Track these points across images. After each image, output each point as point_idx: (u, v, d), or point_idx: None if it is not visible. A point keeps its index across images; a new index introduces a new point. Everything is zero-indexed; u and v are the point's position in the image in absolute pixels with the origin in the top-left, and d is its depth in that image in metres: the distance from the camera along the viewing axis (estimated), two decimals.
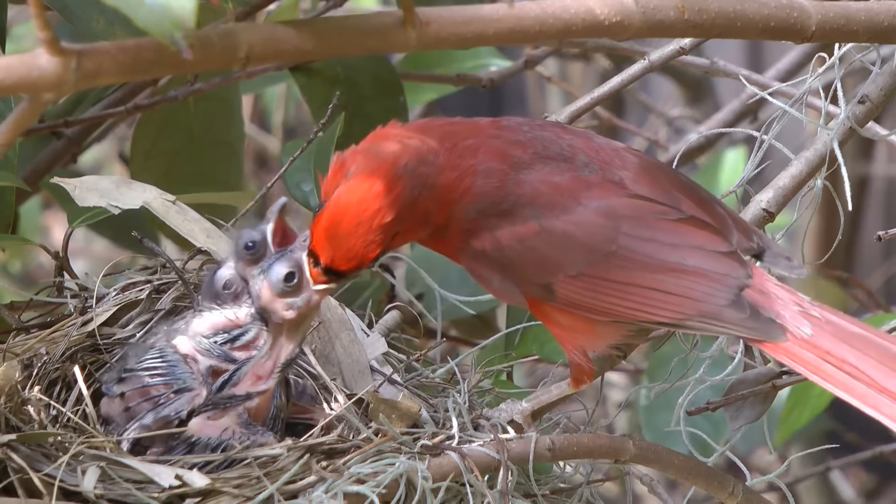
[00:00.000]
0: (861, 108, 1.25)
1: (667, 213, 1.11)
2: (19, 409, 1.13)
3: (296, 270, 1.15)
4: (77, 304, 1.26)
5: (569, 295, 1.10)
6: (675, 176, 1.15)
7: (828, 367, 1.07)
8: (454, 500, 1.11)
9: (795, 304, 1.09)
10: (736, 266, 1.10)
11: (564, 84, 2.23)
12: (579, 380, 1.15)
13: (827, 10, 1.10)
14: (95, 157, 2.82)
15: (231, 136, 1.61)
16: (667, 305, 1.09)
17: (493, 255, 1.11)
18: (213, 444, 1.14)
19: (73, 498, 1.08)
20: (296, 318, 1.17)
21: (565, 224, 1.10)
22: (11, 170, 1.34)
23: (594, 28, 1.03)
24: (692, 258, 1.09)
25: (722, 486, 1.19)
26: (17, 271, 2.90)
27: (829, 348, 1.07)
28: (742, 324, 1.08)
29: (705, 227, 1.11)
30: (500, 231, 1.11)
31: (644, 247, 1.09)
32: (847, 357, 1.07)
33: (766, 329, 1.08)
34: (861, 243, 2.56)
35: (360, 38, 0.99)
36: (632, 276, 1.09)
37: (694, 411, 1.25)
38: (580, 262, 1.09)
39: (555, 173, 1.11)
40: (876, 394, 1.06)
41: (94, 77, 0.91)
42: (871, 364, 1.07)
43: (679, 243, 1.10)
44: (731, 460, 1.28)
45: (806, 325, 1.08)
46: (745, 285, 1.09)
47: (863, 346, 1.08)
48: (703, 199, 1.13)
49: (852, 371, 1.07)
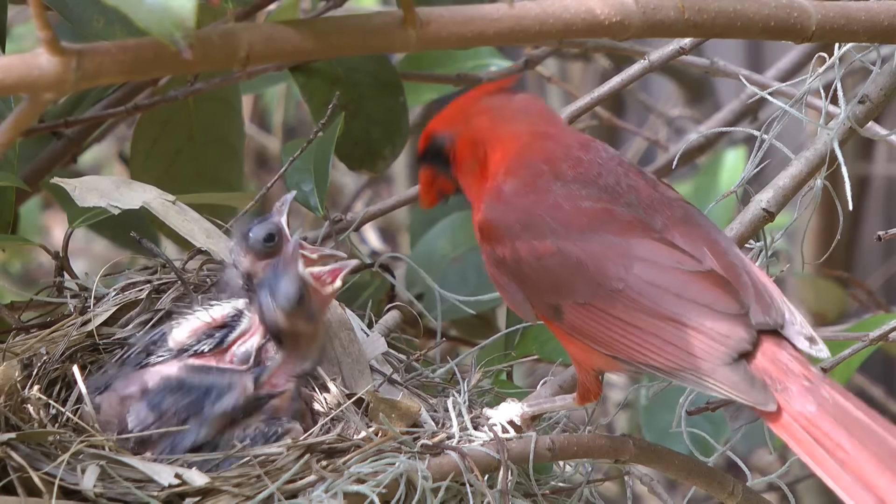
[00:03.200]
0: (861, 108, 1.25)
1: (685, 262, 1.10)
2: (19, 409, 1.13)
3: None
4: (77, 304, 1.26)
5: (574, 321, 1.10)
6: (712, 234, 1.13)
7: (819, 452, 1.05)
8: (454, 499, 1.11)
9: (807, 379, 1.07)
10: (740, 329, 1.08)
11: (564, 84, 2.23)
12: (585, 398, 1.16)
13: (827, 10, 1.10)
14: (95, 157, 2.82)
15: (231, 136, 1.61)
16: (662, 353, 1.08)
17: (511, 266, 1.12)
18: (240, 437, 1.14)
19: (73, 496, 1.08)
20: (309, 331, 1.17)
21: (579, 251, 1.10)
22: (11, 170, 1.34)
23: (594, 28, 1.03)
24: (694, 313, 1.08)
25: (722, 486, 1.19)
26: (17, 271, 2.90)
27: (828, 431, 1.05)
28: (734, 386, 1.07)
29: (720, 285, 1.10)
30: (521, 243, 1.11)
31: (650, 291, 1.09)
32: (843, 443, 1.05)
33: (757, 397, 1.06)
34: (861, 243, 2.56)
35: (360, 38, 0.99)
36: (633, 315, 1.08)
37: (694, 411, 1.25)
38: (588, 292, 1.10)
39: (586, 198, 1.12)
40: (861, 489, 1.04)
41: (95, 77, 0.91)
42: (867, 456, 1.04)
43: (685, 296, 1.09)
44: (731, 460, 1.28)
45: (810, 403, 1.06)
46: (746, 350, 1.08)
47: (863, 434, 1.05)
48: (731, 262, 1.12)
49: (844, 459, 1.04)
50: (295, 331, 1.18)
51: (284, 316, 1.17)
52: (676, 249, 1.10)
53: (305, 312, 1.17)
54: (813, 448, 1.05)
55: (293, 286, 1.16)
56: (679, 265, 1.10)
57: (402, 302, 1.38)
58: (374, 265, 1.38)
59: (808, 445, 1.05)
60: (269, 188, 1.35)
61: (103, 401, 1.18)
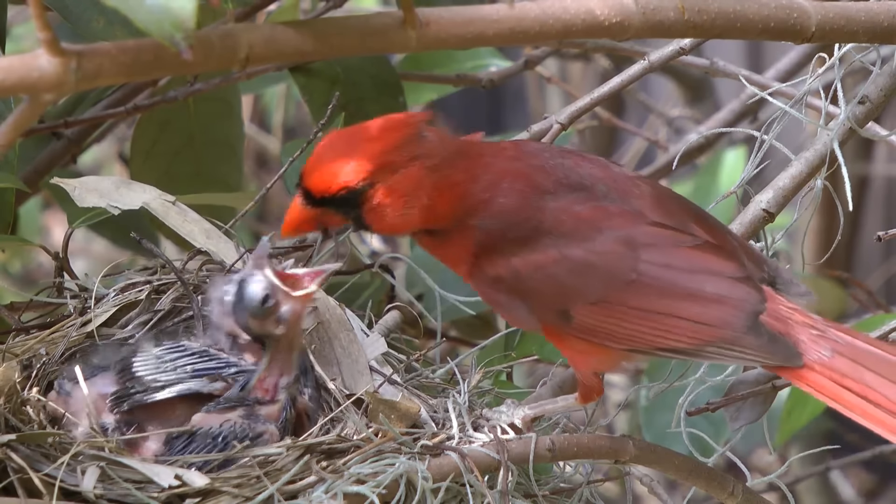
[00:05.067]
0: (861, 109, 1.25)
1: (683, 239, 1.10)
2: (18, 410, 1.13)
3: (269, 292, 1.16)
4: (77, 304, 1.26)
5: (586, 321, 1.10)
6: (685, 203, 1.15)
7: (846, 394, 1.06)
8: (454, 500, 1.11)
9: (811, 326, 1.09)
10: (752, 291, 1.09)
11: (564, 84, 2.23)
12: (587, 397, 1.16)
13: (827, 10, 1.10)
14: (95, 157, 2.82)
15: (231, 136, 1.61)
16: (686, 332, 1.08)
17: (509, 282, 1.11)
18: (214, 433, 1.14)
19: (73, 498, 1.08)
20: (287, 333, 1.17)
21: (586, 253, 1.10)
22: (11, 170, 1.34)
23: (594, 29, 1.03)
24: (710, 284, 1.09)
25: (722, 486, 1.19)
26: (17, 271, 2.90)
27: (848, 372, 1.06)
28: (761, 349, 1.07)
29: (719, 254, 1.11)
30: (518, 259, 1.10)
31: (664, 274, 1.09)
32: (865, 379, 1.06)
33: (785, 354, 1.07)
34: (861, 243, 2.56)
35: (359, 39, 0.99)
36: (652, 303, 1.08)
37: (694, 412, 1.25)
38: (600, 289, 1.09)
39: (576, 202, 1.11)
40: (895, 418, 1.05)
41: (94, 78, 0.91)
42: (889, 385, 1.06)
43: (697, 269, 1.09)
44: (731, 461, 1.28)
45: (825, 349, 1.07)
46: (761, 310, 1.09)
47: (881, 367, 1.06)
48: (714, 227, 1.13)
49: (871, 395, 1.06)
50: (268, 334, 1.18)
51: (252, 318, 1.17)
52: (668, 229, 1.11)
53: (274, 315, 1.17)
54: (839, 393, 1.06)
55: (259, 288, 1.16)
56: (681, 243, 1.10)
57: (402, 302, 1.38)
58: (374, 265, 1.38)
59: (834, 391, 1.06)
60: (269, 188, 1.35)
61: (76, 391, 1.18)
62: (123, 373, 1.18)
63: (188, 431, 1.14)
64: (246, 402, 1.16)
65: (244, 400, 1.16)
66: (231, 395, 1.16)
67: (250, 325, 1.18)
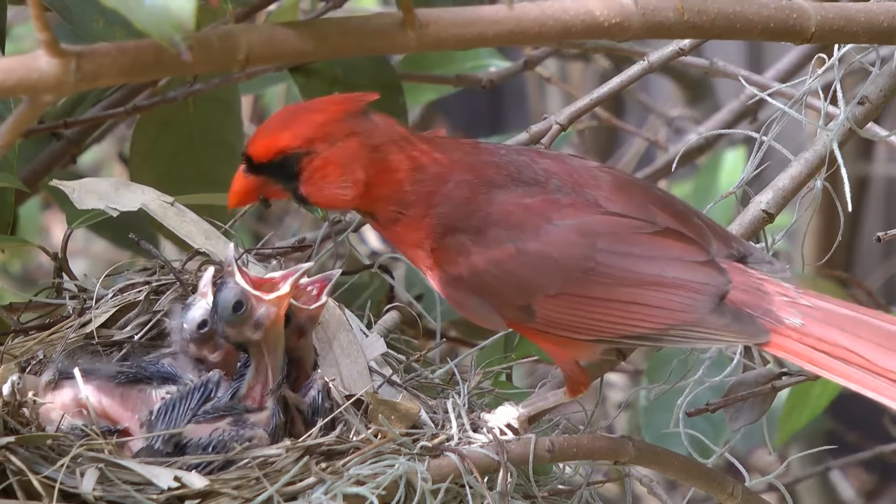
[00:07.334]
0: (860, 109, 1.25)
1: (642, 227, 1.11)
2: (17, 412, 1.12)
3: (242, 298, 1.16)
4: (76, 305, 1.26)
5: (549, 314, 1.10)
6: (650, 190, 1.15)
7: (821, 357, 1.07)
8: (454, 501, 1.11)
9: (782, 294, 1.10)
10: (714, 274, 1.10)
11: (564, 84, 2.23)
12: (575, 389, 1.15)
13: (826, 11, 1.10)
14: (95, 157, 2.82)
15: (231, 136, 1.61)
16: (648, 318, 1.09)
17: (469, 281, 1.11)
18: (204, 444, 1.14)
19: (73, 500, 1.08)
20: (265, 337, 1.17)
21: (542, 245, 1.10)
22: (10, 171, 1.34)
23: (594, 29, 1.03)
24: (670, 270, 1.09)
25: (721, 486, 1.19)
26: (17, 272, 2.90)
27: (821, 335, 1.07)
28: (724, 329, 1.08)
29: (681, 239, 1.11)
30: (475, 256, 1.10)
31: (622, 261, 1.09)
32: (840, 341, 1.07)
33: (749, 331, 1.08)
34: (861, 243, 2.56)
35: (359, 40, 0.99)
36: (612, 291, 1.09)
37: (693, 412, 1.25)
38: (559, 281, 1.09)
39: (525, 196, 1.11)
40: (873, 377, 1.06)
41: (94, 78, 0.91)
42: (866, 345, 1.07)
43: (656, 255, 1.10)
44: (730, 461, 1.28)
45: (795, 316, 1.08)
46: (726, 291, 1.09)
47: (855, 327, 1.07)
48: (679, 212, 1.13)
49: (847, 356, 1.06)
50: (246, 340, 1.17)
51: (228, 326, 1.17)
52: (626, 218, 1.11)
53: (250, 321, 1.17)
54: (814, 356, 1.07)
55: (231, 294, 1.16)
56: (639, 230, 1.10)
57: (402, 303, 1.38)
58: (374, 266, 1.38)
59: (809, 355, 1.07)
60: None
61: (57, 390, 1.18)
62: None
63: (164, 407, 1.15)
64: (235, 410, 1.16)
65: (233, 409, 1.16)
66: (220, 405, 1.16)
67: (228, 333, 1.17)
